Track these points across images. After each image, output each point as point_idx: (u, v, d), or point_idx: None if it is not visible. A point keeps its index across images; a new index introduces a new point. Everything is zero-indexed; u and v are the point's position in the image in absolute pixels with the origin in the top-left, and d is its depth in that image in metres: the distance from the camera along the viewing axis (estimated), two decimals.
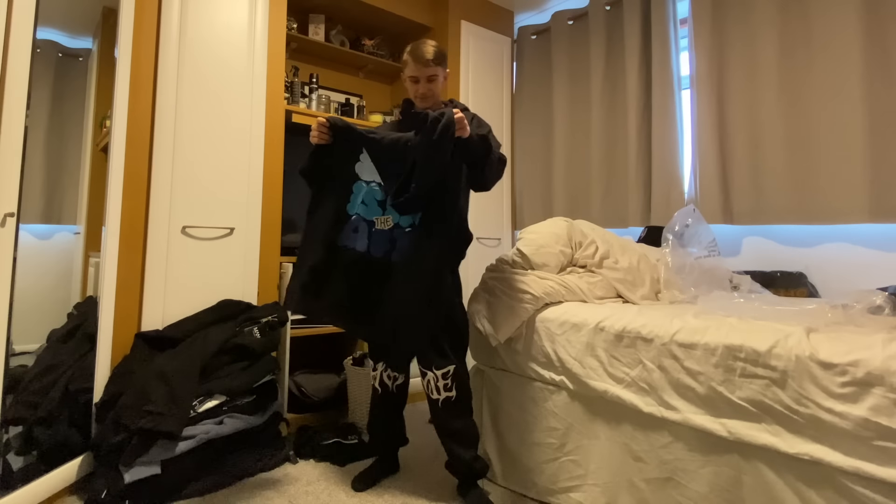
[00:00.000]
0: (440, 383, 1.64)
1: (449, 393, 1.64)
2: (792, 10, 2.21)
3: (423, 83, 1.68)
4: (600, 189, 2.90)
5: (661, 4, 2.65)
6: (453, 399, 1.65)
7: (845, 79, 2.04)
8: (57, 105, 1.82)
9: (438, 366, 1.64)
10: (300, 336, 2.38)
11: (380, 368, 1.80)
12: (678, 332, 1.37)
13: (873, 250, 2.04)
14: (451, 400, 1.65)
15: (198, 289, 2.06)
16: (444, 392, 1.64)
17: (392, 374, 1.79)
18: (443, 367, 1.64)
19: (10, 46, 1.37)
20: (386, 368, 1.79)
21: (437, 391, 1.64)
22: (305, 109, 2.66)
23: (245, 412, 1.85)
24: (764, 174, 2.27)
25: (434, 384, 1.64)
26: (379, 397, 1.81)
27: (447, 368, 1.64)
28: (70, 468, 1.65)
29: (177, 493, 1.65)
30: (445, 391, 1.64)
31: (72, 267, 1.94)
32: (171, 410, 1.60)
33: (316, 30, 2.83)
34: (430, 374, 1.65)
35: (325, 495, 1.71)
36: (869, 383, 1.05)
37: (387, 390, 1.79)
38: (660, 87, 2.63)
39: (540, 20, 3.39)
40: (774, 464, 1.17)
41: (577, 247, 2.00)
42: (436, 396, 1.65)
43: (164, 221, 2.00)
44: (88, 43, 1.98)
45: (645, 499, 1.39)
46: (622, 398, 1.45)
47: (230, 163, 2.18)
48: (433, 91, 1.70)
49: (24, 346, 1.62)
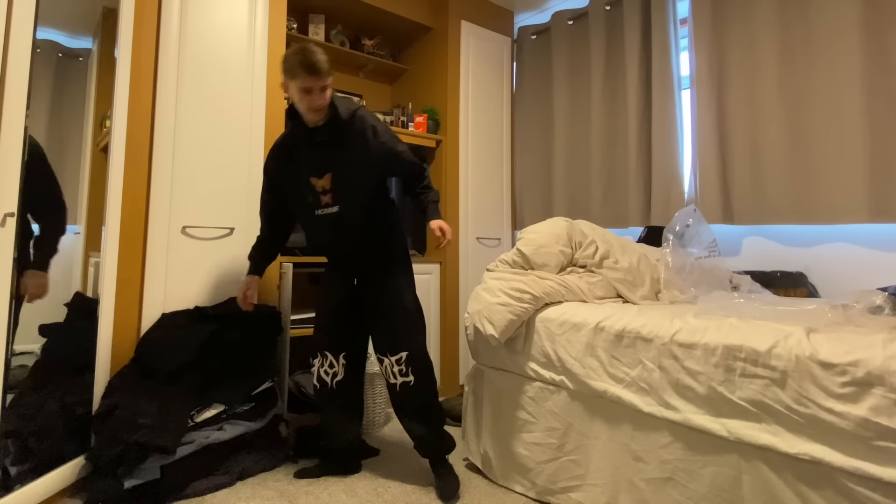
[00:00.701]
0: (395, 369, 1.72)
1: (406, 378, 1.71)
2: (792, 10, 2.22)
3: (318, 94, 1.54)
4: (600, 189, 2.90)
5: (661, 4, 2.65)
6: (411, 384, 1.72)
7: (845, 78, 2.04)
8: (57, 105, 1.82)
9: (392, 351, 1.71)
10: (300, 336, 2.38)
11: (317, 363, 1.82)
12: (678, 332, 1.37)
13: (873, 250, 2.04)
14: (409, 385, 1.72)
15: (198, 289, 2.06)
16: (401, 377, 1.71)
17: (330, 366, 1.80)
18: (396, 353, 1.72)
19: (10, 46, 1.36)
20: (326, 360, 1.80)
21: (394, 376, 1.72)
22: None
23: (245, 418, 1.85)
24: (764, 174, 2.27)
25: (390, 370, 1.72)
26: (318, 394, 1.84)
27: (400, 354, 1.71)
28: (69, 469, 1.64)
29: (177, 494, 1.65)
30: (402, 376, 1.71)
31: (72, 267, 1.93)
32: (167, 424, 1.60)
33: (316, 30, 2.83)
34: (385, 360, 1.74)
35: (325, 495, 1.71)
36: (869, 383, 1.05)
37: (324, 387, 1.81)
38: (660, 87, 2.64)
39: (540, 20, 3.39)
40: (774, 464, 1.17)
41: (577, 247, 2.00)
42: (393, 381, 1.73)
43: (164, 221, 2.00)
44: (88, 43, 1.97)
45: (645, 499, 1.39)
46: (622, 398, 1.45)
47: (230, 163, 2.18)
48: (326, 101, 1.58)
49: (25, 346, 1.61)
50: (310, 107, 1.57)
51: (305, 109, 1.58)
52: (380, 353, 1.76)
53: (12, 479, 1.48)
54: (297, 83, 1.53)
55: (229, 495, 1.70)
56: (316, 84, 1.53)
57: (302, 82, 1.52)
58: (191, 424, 1.70)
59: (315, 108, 1.57)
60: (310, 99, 1.55)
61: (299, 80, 1.52)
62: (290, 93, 1.58)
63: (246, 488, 1.76)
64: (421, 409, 1.75)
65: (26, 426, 1.57)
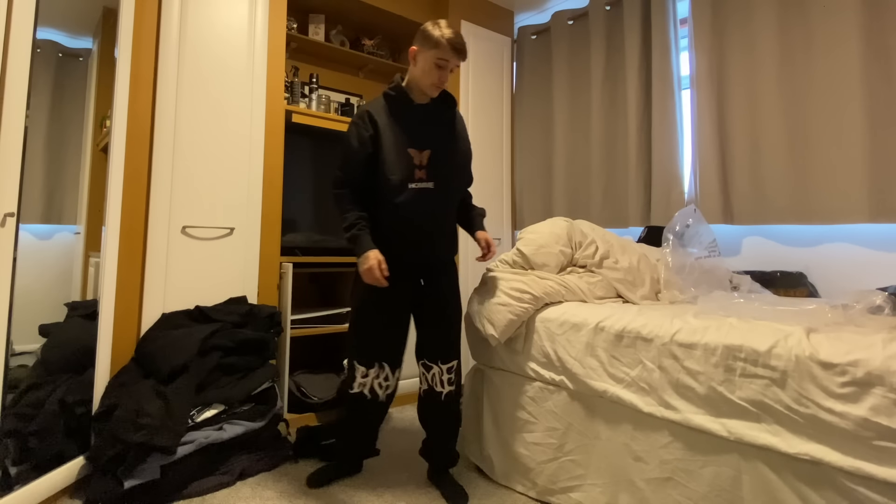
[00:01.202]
0: (445, 377, 1.70)
1: (451, 387, 1.71)
2: (792, 10, 2.21)
3: (448, 72, 1.61)
4: (600, 189, 2.90)
5: (661, 4, 2.65)
6: (454, 393, 1.72)
7: (845, 78, 2.04)
8: (57, 105, 1.82)
9: (445, 360, 1.70)
10: (300, 336, 2.38)
11: (371, 375, 1.68)
12: (678, 332, 1.37)
13: (873, 250, 2.04)
14: (452, 394, 1.72)
15: (198, 289, 2.07)
16: (448, 386, 1.70)
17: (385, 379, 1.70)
18: (448, 362, 1.70)
19: (10, 46, 1.36)
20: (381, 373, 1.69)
21: (442, 384, 1.70)
22: (305, 109, 2.66)
23: (244, 418, 1.85)
24: (764, 174, 2.27)
25: (439, 377, 1.70)
26: (361, 408, 1.71)
27: (452, 363, 1.71)
28: (69, 469, 1.65)
29: (177, 494, 1.65)
30: (449, 385, 1.70)
31: (72, 267, 1.93)
32: (166, 424, 1.60)
33: (316, 30, 2.83)
34: (435, 368, 1.70)
35: (325, 495, 1.71)
36: (869, 383, 1.05)
37: (375, 399, 1.70)
38: (660, 87, 2.64)
39: (540, 20, 3.39)
40: (774, 464, 1.17)
41: (577, 247, 2.00)
42: (440, 389, 1.70)
43: (164, 221, 2.00)
44: (88, 43, 1.97)
45: (645, 499, 1.39)
46: (622, 398, 1.45)
47: (230, 163, 2.18)
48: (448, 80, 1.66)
49: (24, 346, 1.62)
50: (437, 81, 1.61)
51: (430, 83, 1.61)
52: (430, 360, 1.69)
53: (12, 479, 1.48)
54: (436, 53, 1.57)
55: (229, 495, 1.70)
56: (453, 63, 1.60)
57: (442, 54, 1.57)
58: (191, 424, 1.70)
59: (442, 83, 1.62)
60: (441, 74, 1.59)
61: (440, 51, 1.56)
62: (419, 62, 1.61)
63: (246, 488, 1.76)
64: (455, 419, 1.75)
65: (26, 426, 1.57)
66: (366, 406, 1.70)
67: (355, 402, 1.70)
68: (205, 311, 2.01)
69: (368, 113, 1.62)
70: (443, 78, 1.60)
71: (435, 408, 1.72)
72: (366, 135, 1.59)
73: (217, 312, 2.01)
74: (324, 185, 2.62)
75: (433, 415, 1.74)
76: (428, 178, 1.62)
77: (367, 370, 1.68)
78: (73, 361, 1.78)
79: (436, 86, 1.62)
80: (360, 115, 1.63)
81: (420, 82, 1.62)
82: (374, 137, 1.60)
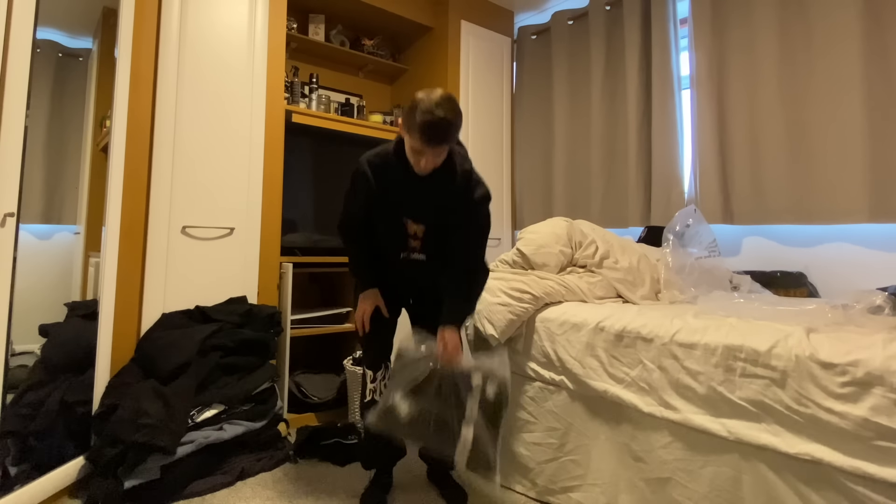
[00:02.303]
0: None
1: None
2: (792, 10, 2.21)
3: (430, 159, 1.37)
4: (600, 189, 2.90)
5: (661, 4, 2.65)
6: None
7: (845, 78, 2.04)
8: (57, 105, 1.82)
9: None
10: (300, 336, 2.38)
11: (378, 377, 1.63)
12: (678, 332, 1.37)
13: (873, 250, 2.04)
14: None
15: (198, 289, 2.06)
16: None
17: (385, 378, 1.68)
18: None
19: (10, 46, 1.37)
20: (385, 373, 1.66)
21: None
22: (305, 109, 2.66)
23: (244, 418, 1.85)
24: (764, 174, 2.27)
25: None
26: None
27: None
28: (69, 469, 1.65)
29: (177, 494, 1.65)
30: None
31: (72, 267, 1.94)
32: (167, 424, 1.60)
33: (316, 30, 2.83)
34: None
35: (325, 495, 1.71)
36: (869, 383, 1.05)
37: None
38: (660, 87, 2.64)
39: (540, 20, 3.39)
40: (774, 464, 1.17)
41: (577, 247, 2.00)
42: None
43: (164, 221, 2.00)
44: (88, 43, 1.98)
45: (645, 499, 1.39)
46: (622, 398, 1.45)
47: (230, 163, 2.18)
48: (437, 164, 1.42)
49: (24, 346, 1.62)
50: (417, 168, 1.41)
51: (414, 165, 1.41)
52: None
53: (12, 479, 1.48)
54: (409, 140, 1.37)
55: (229, 495, 1.70)
56: (432, 152, 1.36)
57: (415, 144, 1.35)
58: (191, 424, 1.70)
59: (423, 170, 1.41)
60: (417, 160, 1.39)
61: (413, 140, 1.35)
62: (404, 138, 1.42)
63: (246, 488, 1.76)
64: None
65: (26, 426, 1.57)
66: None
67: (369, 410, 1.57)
68: (205, 311, 2.01)
69: (376, 166, 1.49)
70: (419, 164, 1.38)
71: None
72: (364, 188, 1.49)
73: (217, 312, 2.01)
74: (324, 185, 2.62)
75: None
76: (421, 251, 1.56)
77: (375, 373, 1.64)
78: (73, 361, 1.78)
79: (419, 171, 1.41)
80: (368, 164, 1.49)
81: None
82: (376, 195, 1.49)
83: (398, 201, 1.50)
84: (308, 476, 1.86)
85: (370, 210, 1.54)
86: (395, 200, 1.50)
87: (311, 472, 1.89)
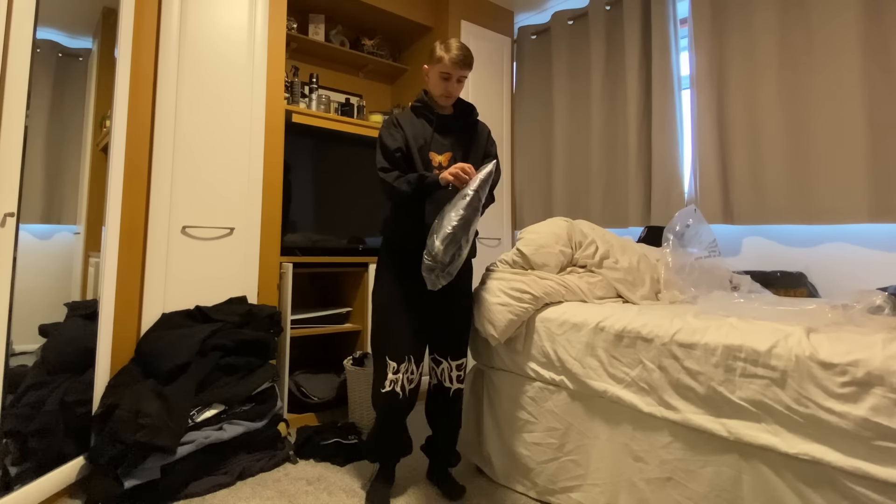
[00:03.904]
0: (454, 374, 1.72)
1: (460, 384, 1.74)
2: (792, 10, 2.21)
3: (454, 83, 1.68)
4: (600, 189, 2.90)
5: (661, 4, 2.65)
6: (461, 391, 1.75)
7: (845, 78, 2.04)
8: (57, 105, 1.82)
9: (455, 356, 1.72)
10: (300, 336, 2.38)
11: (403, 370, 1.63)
12: (678, 332, 1.37)
13: (873, 250, 2.04)
14: (460, 391, 1.75)
15: (198, 289, 2.07)
16: (457, 383, 1.73)
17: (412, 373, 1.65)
18: (458, 359, 1.73)
19: (10, 46, 1.37)
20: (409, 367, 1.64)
21: (451, 381, 1.72)
22: (305, 109, 2.66)
23: (244, 418, 1.85)
24: (764, 174, 2.27)
25: (448, 373, 1.72)
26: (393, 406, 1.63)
27: (461, 360, 1.74)
28: (69, 469, 1.65)
29: (177, 494, 1.65)
30: (458, 382, 1.73)
31: (72, 267, 1.94)
32: (166, 424, 1.60)
33: (316, 30, 2.83)
34: (444, 364, 1.72)
35: (325, 495, 1.71)
36: (869, 383, 1.05)
37: (404, 396, 1.63)
38: (660, 87, 2.64)
39: (540, 20, 3.39)
40: (774, 464, 1.17)
41: (577, 247, 2.00)
42: (448, 385, 1.72)
43: (164, 221, 2.00)
44: (88, 43, 1.97)
45: (645, 499, 1.39)
46: (622, 398, 1.45)
47: (230, 163, 2.18)
48: (459, 91, 1.72)
49: (24, 346, 1.62)
50: (444, 92, 1.68)
51: (439, 94, 1.69)
52: (440, 355, 1.72)
53: (12, 479, 1.48)
54: (439, 68, 1.66)
55: (229, 495, 1.70)
56: (456, 74, 1.66)
57: (444, 68, 1.65)
58: (191, 424, 1.70)
59: (449, 94, 1.69)
60: (446, 85, 1.67)
61: (442, 65, 1.65)
62: (430, 77, 1.71)
63: (246, 488, 1.76)
64: (459, 416, 1.78)
65: (26, 426, 1.57)
66: (399, 403, 1.63)
67: (387, 401, 1.62)
68: (205, 311, 2.01)
69: (396, 119, 1.73)
70: (448, 88, 1.68)
71: (443, 403, 1.75)
72: (397, 135, 1.69)
73: (217, 312, 2.01)
74: (324, 185, 2.62)
75: (440, 410, 1.76)
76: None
77: (399, 365, 1.62)
78: (73, 361, 1.78)
79: (444, 96, 1.69)
80: (388, 121, 1.74)
81: (433, 94, 1.72)
82: (405, 137, 1.69)
83: (422, 138, 1.70)
84: (308, 476, 1.86)
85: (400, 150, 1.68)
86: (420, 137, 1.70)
87: (311, 472, 1.89)
